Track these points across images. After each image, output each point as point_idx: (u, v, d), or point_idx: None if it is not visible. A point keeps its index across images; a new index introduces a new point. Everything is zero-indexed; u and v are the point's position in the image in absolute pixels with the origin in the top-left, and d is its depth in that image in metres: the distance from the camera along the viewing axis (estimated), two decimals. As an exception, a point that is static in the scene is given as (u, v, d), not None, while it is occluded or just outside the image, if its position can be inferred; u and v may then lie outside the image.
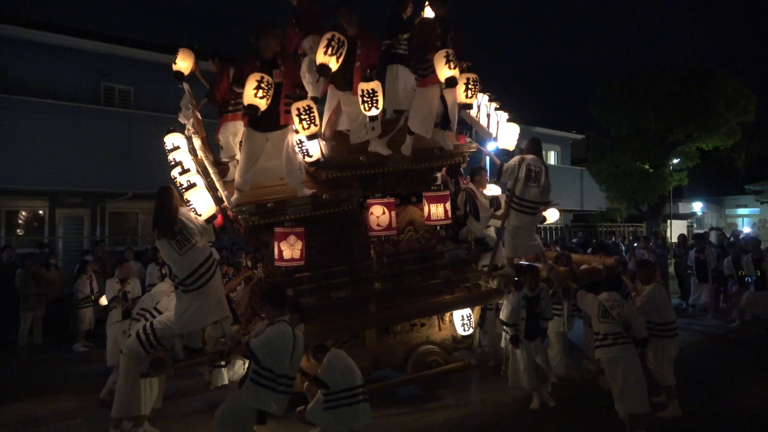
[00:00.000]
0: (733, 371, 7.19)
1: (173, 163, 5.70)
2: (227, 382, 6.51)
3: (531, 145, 6.55)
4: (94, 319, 9.77)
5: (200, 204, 5.06)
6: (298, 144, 5.64)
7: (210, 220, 5.10)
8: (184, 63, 6.18)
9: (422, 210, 6.30)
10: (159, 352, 5.05)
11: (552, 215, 7.22)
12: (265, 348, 4.58)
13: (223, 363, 5.82)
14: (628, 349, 5.10)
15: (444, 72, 5.55)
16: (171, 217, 4.98)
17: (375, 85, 5.55)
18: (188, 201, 5.05)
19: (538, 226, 7.64)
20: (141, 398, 5.18)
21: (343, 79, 5.81)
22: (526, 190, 6.26)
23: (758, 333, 9.33)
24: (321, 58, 5.41)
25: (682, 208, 29.04)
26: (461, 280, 6.43)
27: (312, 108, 5.39)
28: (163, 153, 5.97)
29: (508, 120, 6.66)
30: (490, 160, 7.27)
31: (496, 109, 6.72)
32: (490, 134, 6.73)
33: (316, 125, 5.43)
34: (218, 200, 5.50)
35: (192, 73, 6.26)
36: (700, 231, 22.63)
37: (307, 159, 5.79)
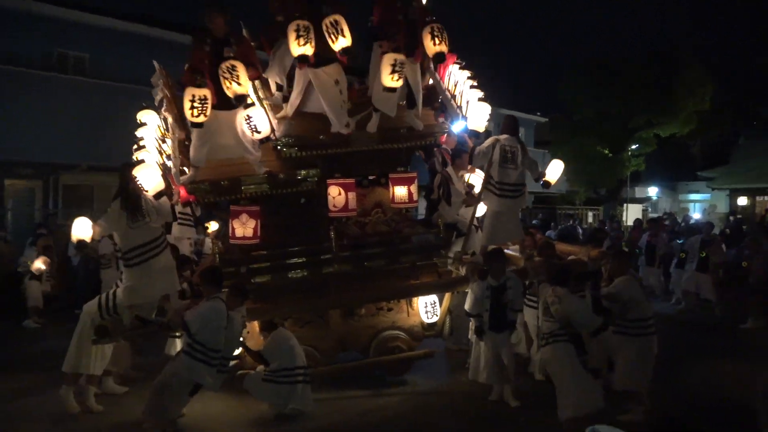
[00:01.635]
0: (689, 352, 7.34)
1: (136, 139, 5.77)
2: None
3: (506, 123, 6.19)
4: (42, 295, 9.45)
5: (147, 180, 5.08)
6: (246, 120, 5.42)
7: (158, 196, 5.14)
8: None
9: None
10: (106, 321, 5.26)
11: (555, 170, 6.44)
12: (197, 322, 4.73)
13: (177, 334, 5.86)
14: (559, 348, 4.76)
15: (431, 48, 5.44)
16: (138, 193, 5.09)
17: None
18: (135, 177, 5.07)
19: None
20: (91, 358, 5.39)
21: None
22: (504, 173, 5.85)
23: (705, 314, 9.72)
24: (296, 50, 5.25)
25: (639, 192, 29.87)
26: (428, 266, 6.23)
27: (206, 99, 5.18)
28: (121, 124, 5.83)
29: (480, 99, 6.14)
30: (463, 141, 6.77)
31: (471, 87, 6.26)
32: (458, 113, 6.37)
33: (205, 116, 5.23)
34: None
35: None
36: (655, 215, 23.38)
37: (255, 135, 5.51)
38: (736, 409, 5.12)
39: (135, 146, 5.65)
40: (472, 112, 6.11)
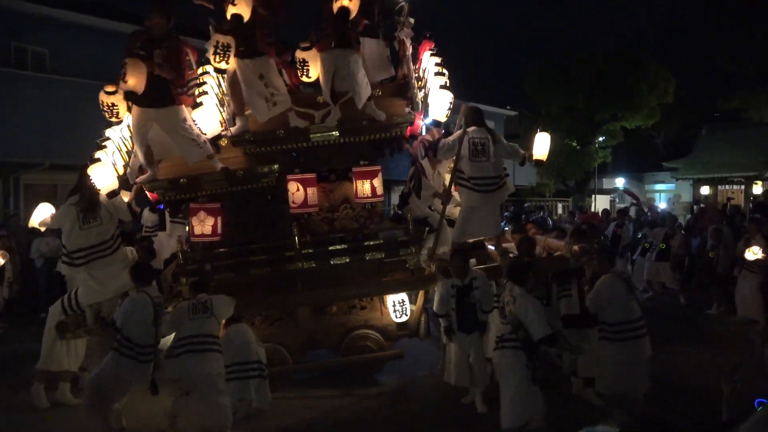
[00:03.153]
0: (663, 340, 7.47)
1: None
2: None
3: (470, 115, 5.85)
4: (3, 300, 9.16)
5: (100, 179, 5.24)
6: (190, 120, 5.49)
7: (111, 195, 5.31)
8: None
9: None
10: (67, 318, 5.47)
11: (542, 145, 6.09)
12: (120, 316, 4.81)
13: None
14: (507, 355, 4.43)
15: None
16: (95, 197, 5.26)
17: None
18: (89, 176, 5.23)
19: None
20: (60, 355, 5.60)
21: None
22: (477, 167, 5.59)
23: (671, 302, 9.97)
24: (216, 64, 5.34)
25: (606, 183, 30.45)
26: (396, 263, 5.95)
27: (116, 104, 5.46)
28: (84, 121, 5.73)
29: (442, 87, 5.89)
30: (427, 132, 6.57)
31: (436, 74, 6.07)
32: (413, 101, 6.07)
33: (118, 118, 5.54)
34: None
35: None
36: (622, 206, 23.88)
37: (203, 135, 5.56)
38: (702, 395, 5.21)
39: (97, 145, 5.67)
40: (433, 100, 5.89)
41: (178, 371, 4.77)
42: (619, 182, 30.64)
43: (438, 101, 5.86)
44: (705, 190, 25.03)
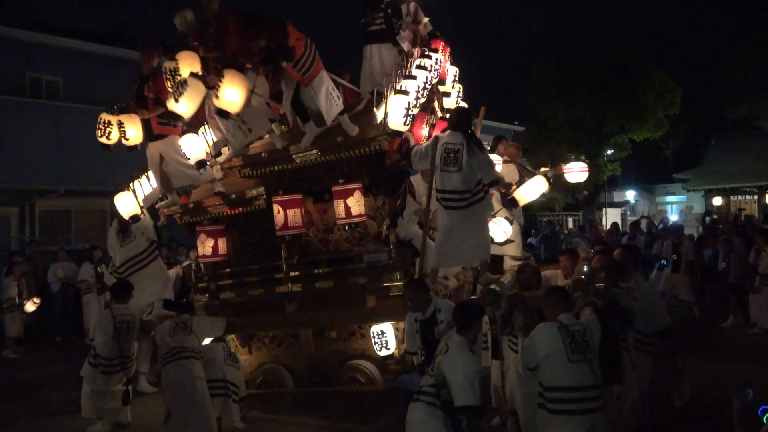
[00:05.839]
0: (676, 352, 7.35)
1: None
2: None
3: (451, 116, 5.14)
4: (23, 325, 9.31)
5: (122, 206, 6.00)
6: (180, 146, 5.78)
7: (133, 219, 5.98)
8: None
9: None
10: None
11: (533, 189, 5.49)
12: (92, 329, 5.62)
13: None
14: (418, 410, 3.65)
15: None
16: (125, 220, 6.04)
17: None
18: (114, 203, 6.04)
19: None
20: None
21: None
22: (444, 178, 4.75)
23: (685, 313, 9.86)
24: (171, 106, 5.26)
25: (616, 196, 30.33)
26: (378, 289, 5.48)
27: (110, 123, 5.77)
28: (97, 148, 5.98)
29: (399, 91, 5.17)
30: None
31: (406, 76, 5.44)
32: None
33: (108, 140, 5.74)
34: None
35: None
36: (634, 218, 23.73)
37: (189, 161, 5.74)
38: (714, 407, 5.09)
39: (129, 176, 6.39)
40: (390, 107, 5.19)
41: (165, 380, 5.09)
42: (630, 195, 30.51)
43: (393, 108, 5.16)
44: (717, 200, 24.85)
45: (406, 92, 5.13)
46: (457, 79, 6.95)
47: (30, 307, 9.02)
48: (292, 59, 5.10)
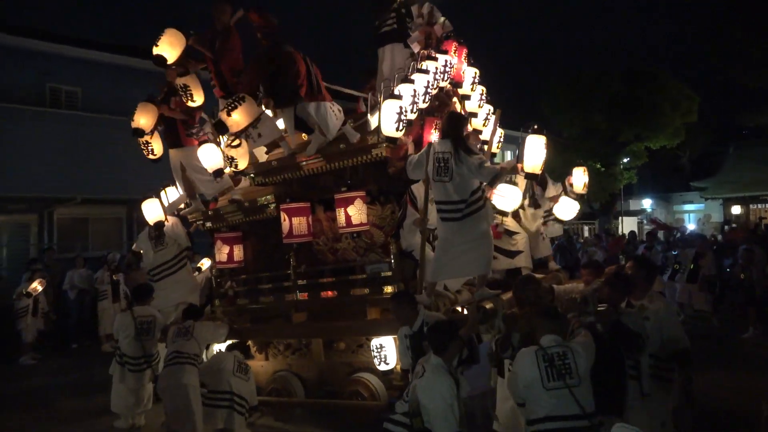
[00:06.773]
0: (696, 363, 7.19)
1: None
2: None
3: (443, 123, 4.96)
4: (36, 331, 9.39)
5: (148, 212, 6.23)
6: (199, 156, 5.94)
7: (157, 225, 6.20)
8: (168, 48, 5.83)
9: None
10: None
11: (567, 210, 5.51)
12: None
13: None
14: None
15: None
16: (159, 225, 6.26)
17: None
18: (142, 210, 6.24)
19: None
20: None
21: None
22: (437, 189, 4.62)
23: (703, 324, 9.69)
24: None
25: (633, 204, 30.02)
26: (378, 300, 5.31)
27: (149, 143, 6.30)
28: (115, 156, 6.10)
29: (391, 96, 4.92)
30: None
31: (404, 80, 5.15)
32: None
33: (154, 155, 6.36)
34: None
35: (181, 61, 6.08)
36: (650, 227, 23.45)
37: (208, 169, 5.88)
38: (739, 420, 5.05)
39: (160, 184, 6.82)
40: (383, 112, 4.92)
41: (158, 384, 5.28)
42: (646, 203, 30.17)
43: (384, 114, 4.90)
44: (736, 209, 24.49)
45: (399, 97, 4.87)
46: (476, 81, 6.49)
47: (35, 285, 9.07)
48: (301, 99, 5.41)
